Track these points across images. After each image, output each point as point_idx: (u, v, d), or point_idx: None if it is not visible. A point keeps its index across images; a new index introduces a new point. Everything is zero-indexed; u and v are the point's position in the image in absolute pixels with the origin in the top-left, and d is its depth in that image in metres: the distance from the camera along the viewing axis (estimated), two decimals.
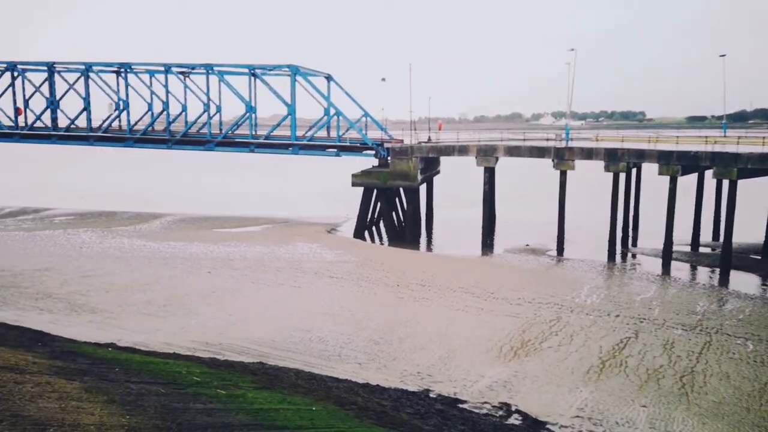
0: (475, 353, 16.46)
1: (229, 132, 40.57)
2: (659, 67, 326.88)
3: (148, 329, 17.71)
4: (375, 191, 37.20)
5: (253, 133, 39.87)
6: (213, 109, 40.39)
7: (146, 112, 42.07)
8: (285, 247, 32.06)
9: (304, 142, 39.06)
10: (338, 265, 27.74)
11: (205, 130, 40.72)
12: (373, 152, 37.90)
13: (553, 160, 32.52)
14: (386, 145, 37.68)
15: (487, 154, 33.84)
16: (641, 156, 30.87)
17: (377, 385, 12.68)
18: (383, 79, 40.98)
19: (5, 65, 41.14)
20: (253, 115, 39.81)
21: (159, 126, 42.93)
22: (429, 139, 42.03)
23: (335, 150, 38.89)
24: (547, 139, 38.10)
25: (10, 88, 41.26)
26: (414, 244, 35.79)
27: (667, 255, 29.22)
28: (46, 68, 40.64)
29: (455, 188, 52.20)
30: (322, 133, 41.61)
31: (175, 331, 17.58)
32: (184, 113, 41.05)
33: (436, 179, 43.84)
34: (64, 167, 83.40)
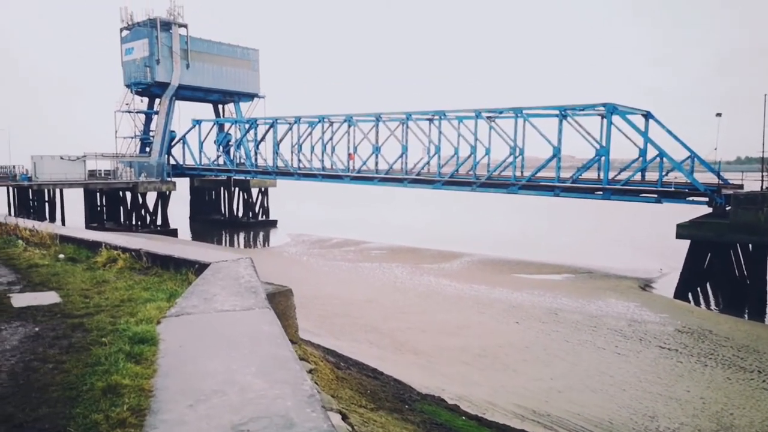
0: None
1: (532, 175, 39.49)
2: None
3: (468, 381, 17.10)
4: (705, 245, 31.34)
5: (559, 176, 38.05)
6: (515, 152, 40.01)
7: (452, 156, 44.07)
8: (595, 302, 28.97)
9: (618, 186, 35.44)
10: (667, 333, 23.51)
11: (508, 173, 40.56)
12: (706, 199, 32.10)
13: None
14: (723, 191, 31.54)
15: None
16: None
17: None
18: (719, 114, 34.74)
19: (343, 117, 48.23)
20: (559, 157, 38.06)
21: (461, 169, 44.54)
22: None
23: (655, 196, 34.23)
24: None
25: (346, 136, 48.13)
26: (759, 314, 28.74)
27: None
28: (374, 119, 46.17)
29: None
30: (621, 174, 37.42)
31: (496, 389, 16.55)
32: (487, 156, 41.76)
33: None
34: (372, 204, 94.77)
